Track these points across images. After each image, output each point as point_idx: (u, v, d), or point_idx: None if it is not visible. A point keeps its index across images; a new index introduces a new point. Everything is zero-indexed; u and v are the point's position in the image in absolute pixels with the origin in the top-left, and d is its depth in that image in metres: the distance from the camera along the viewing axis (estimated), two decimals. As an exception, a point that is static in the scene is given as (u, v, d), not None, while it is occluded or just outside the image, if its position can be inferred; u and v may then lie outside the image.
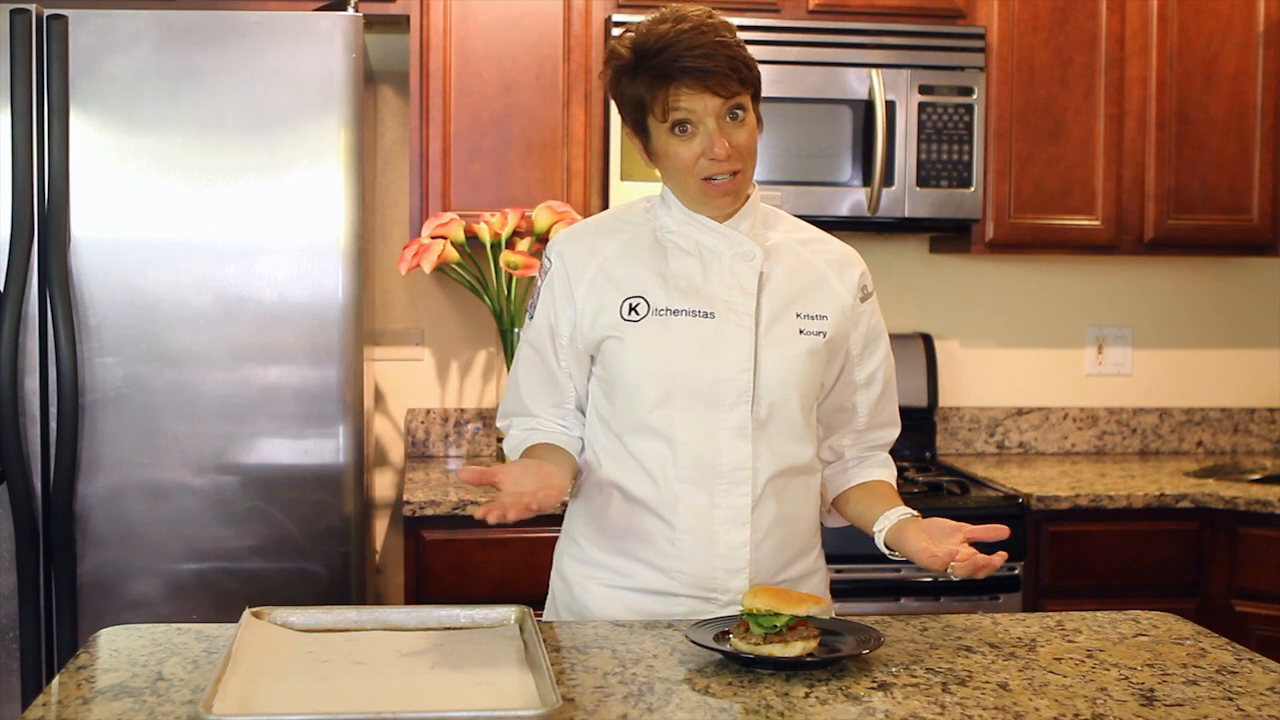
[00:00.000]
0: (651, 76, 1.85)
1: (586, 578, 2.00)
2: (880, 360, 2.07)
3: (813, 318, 1.96)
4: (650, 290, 1.93)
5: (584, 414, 2.04)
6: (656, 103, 1.86)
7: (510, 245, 3.28)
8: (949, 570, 1.76)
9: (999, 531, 1.79)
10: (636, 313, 1.93)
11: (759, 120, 1.93)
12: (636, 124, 1.92)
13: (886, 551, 1.93)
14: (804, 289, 1.97)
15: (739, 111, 1.87)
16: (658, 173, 1.96)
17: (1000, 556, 1.75)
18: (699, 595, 1.93)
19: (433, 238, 3.24)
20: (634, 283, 1.94)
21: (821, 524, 2.11)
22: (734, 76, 1.85)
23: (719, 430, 1.91)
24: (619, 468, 1.96)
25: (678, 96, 1.84)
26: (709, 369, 1.90)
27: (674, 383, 1.91)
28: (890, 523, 1.93)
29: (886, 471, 2.10)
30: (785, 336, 1.94)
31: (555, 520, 2.13)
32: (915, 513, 1.94)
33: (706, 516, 1.92)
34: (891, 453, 2.14)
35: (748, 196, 1.97)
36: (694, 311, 1.92)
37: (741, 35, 1.91)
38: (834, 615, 1.91)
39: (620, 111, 1.95)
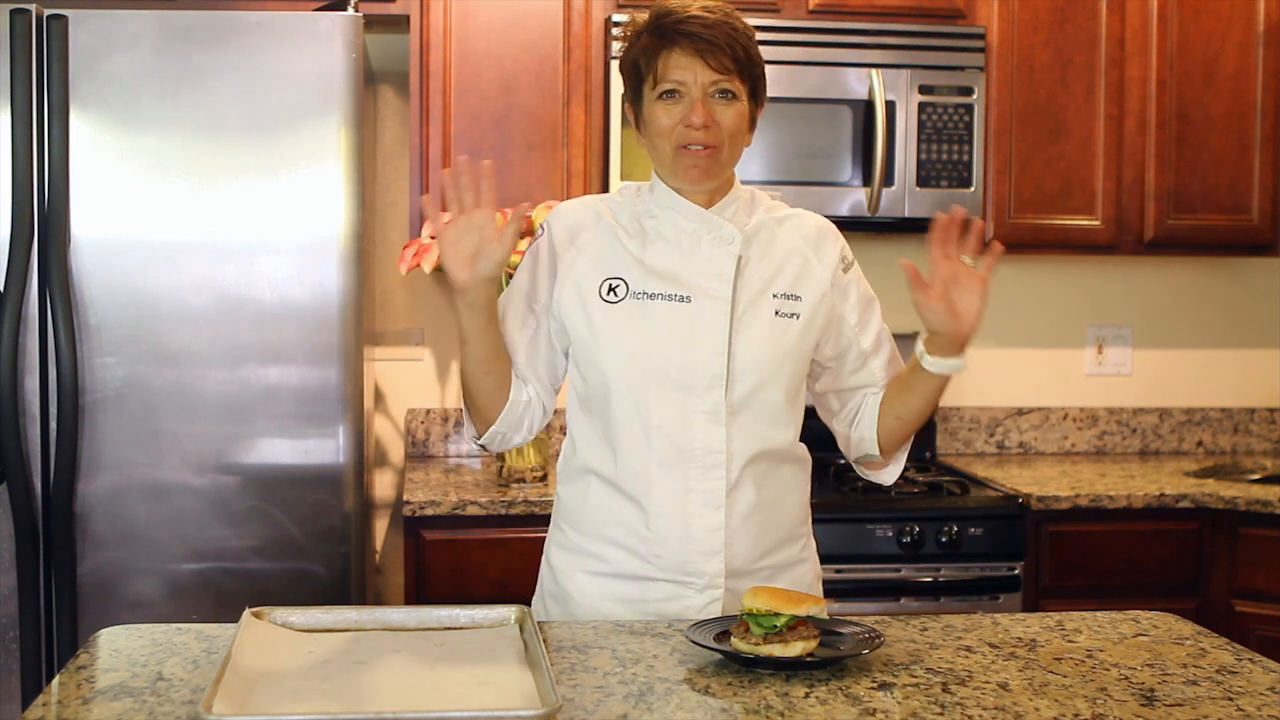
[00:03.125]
0: (654, 37, 1.91)
1: (571, 565, 2.02)
2: (879, 322, 2.10)
3: (789, 298, 1.98)
4: (629, 273, 1.96)
5: (525, 385, 2.01)
6: (651, 68, 1.91)
7: (510, 245, 3.28)
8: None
9: (957, 211, 1.97)
10: (615, 294, 1.96)
11: (752, 123, 1.97)
12: (634, 92, 1.97)
13: (932, 361, 1.96)
14: (781, 267, 2.00)
15: (729, 92, 1.91)
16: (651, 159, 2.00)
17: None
18: (676, 579, 1.95)
19: (432, 238, 3.24)
20: (614, 264, 1.97)
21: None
22: (729, 53, 1.89)
23: (693, 414, 1.93)
24: (595, 452, 1.98)
25: (668, 63, 1.90)
26: (684, 353, 1.93)
27: (649, 366, 1.93)
28: (918, 346, 1.97)
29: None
30: (760, 319, 1.96)
31: (555, 520, 2.14)
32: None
33: (681, 500, 1.93)
34: None
35: (730, 185, 2.00)
36: (670, 295, 1.94)
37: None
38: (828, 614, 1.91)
39: (623, 79, 2.00)
